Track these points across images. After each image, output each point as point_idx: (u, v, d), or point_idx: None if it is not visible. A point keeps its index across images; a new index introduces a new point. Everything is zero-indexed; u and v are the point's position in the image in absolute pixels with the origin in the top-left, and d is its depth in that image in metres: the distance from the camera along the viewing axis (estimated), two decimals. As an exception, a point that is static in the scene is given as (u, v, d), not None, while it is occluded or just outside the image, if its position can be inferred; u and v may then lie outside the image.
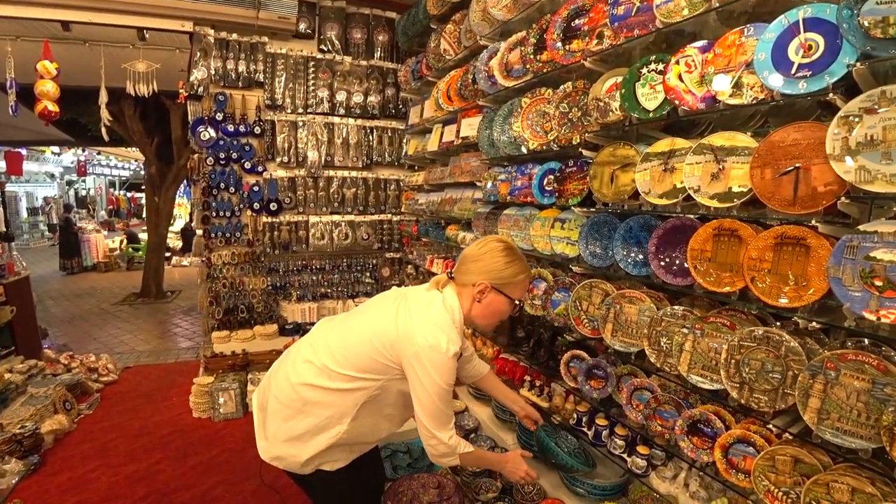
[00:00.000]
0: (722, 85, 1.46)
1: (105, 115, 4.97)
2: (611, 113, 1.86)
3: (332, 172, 4.47)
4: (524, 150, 2.35)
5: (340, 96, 4.36)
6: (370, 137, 4.54)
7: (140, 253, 11.23)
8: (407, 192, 4.38)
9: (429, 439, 1.49)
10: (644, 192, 1.68)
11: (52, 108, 4.51)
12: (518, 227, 2.39)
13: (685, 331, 1.59)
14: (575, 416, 2.15)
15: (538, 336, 2.43)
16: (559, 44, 2.13)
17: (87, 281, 9.97)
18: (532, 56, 2.29)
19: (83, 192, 20.36)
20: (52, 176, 18.18)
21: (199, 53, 3.96)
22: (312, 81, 4.27)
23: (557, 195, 2.13)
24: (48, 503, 2.66)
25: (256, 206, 4.22)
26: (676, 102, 1.59)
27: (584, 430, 2.12)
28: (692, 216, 1.63)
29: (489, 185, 2.63)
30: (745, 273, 1.41)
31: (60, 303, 7.96)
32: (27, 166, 13.81)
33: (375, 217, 4.67)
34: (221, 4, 3.96)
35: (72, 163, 16.34)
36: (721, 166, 1.47)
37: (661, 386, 1.83)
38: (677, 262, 1.66)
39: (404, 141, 4.43)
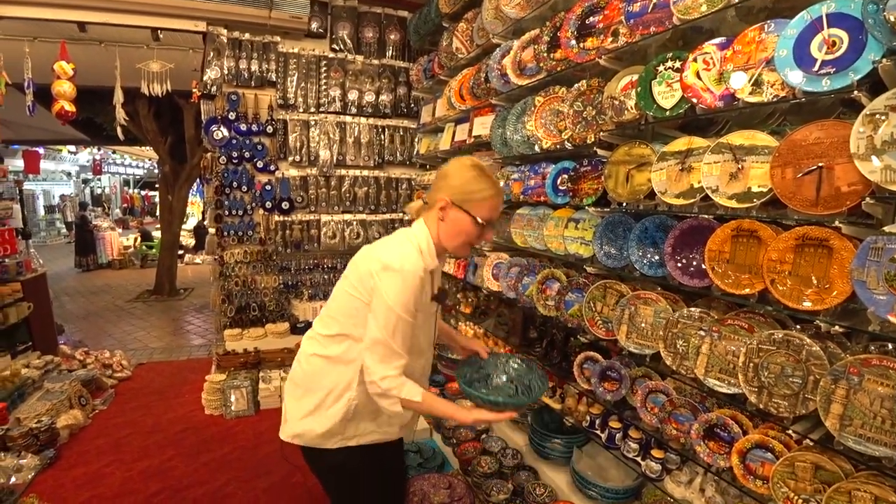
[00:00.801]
0: (741, 83, 1.43)
1: (120, 114, 5.02)
2: (626, 111, 1.83)
3: (343, 171, 4.48)
4: (538, 149, 2.33)
5: (352, 95, 4.36)
6: (382, 136, 4.54)
7: (153, 251, 11.37)
8: (418, 192, 4.37)
9: (366, 374, 1.38)
10: (660, 191, 1.66)
11: (69, 107, 4.57)
12: (531, 226, 2.37)
13: (702, 333, 1.56)
14: (588, 418, 2.13)
15: (551, 337, 2.41)
16: (573, 42, 2.11)
17: (101, 278, 10.11)
18: (546, 54, 2.26)
19: (98, 191, 20.65)
20: (69, 174, 18.45)
21: (212, 53, 3.98)
22: (324, 80, 4.28)
23: (571, 195, 2.10)
24: (63, 497, 2.70)
25: (268, 204, 4.24)
26: (694, 101, 1.56)
27: (598, 432, 2.10)
28: (709, 216, 1.61)
29: (503, 183, 2.61)
30: (765, 275, 1.38)
31: (76, 299, 8.08)
32: (44, 165, 14.02)
33: (387, 216, 4.67)
34: (234, 4, 3.97)
35: (87, 161, 16.56)
36: (740, 166, 1.44)
37: (677, 389, 1.80)
38: (694, 263, 1.63)
39: (416, 140, 4.43)
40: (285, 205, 4.29)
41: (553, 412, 2.44)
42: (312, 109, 4.29)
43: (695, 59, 1.58)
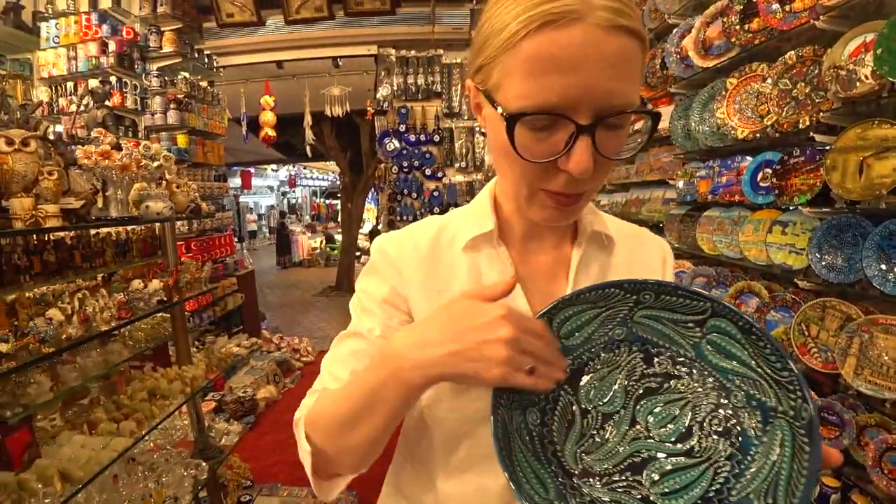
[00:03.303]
0: None
1: (309, 135, 5.88)
2: (858, 83, 1.43)
3: (506, 175, 4.47)
4: (731, 140, 1.98)
5: (511, 99, 4.34)
6: (543, 137, 4.43)
7: (335, 252, 12.96)
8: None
9: None
10: (917, 184, 1.25)
11: (272, 133, 5.53)
12: (722, 230, 2.02)
13: None
14: (793, 466, 1.73)
15: (742, 362, 2.02)
16: (775, 5, 1.74)
17: (294, 275, 11.85)
18: (738, 27, 1.92)
19: (293, 201, 24.37)
20: (271, 188, 22.12)
21: (382, 73, 4.35)
22: (485, 87, 4.34)
23: (777, 192, 1.72)
24: (257, 458, 3.18)
25: (437, 210, 4.44)
26: (978, 58, 1.15)
27: (807, 486, 1.69)
28: None
29: (685, 183, 2.29)
30: None
31: (275, 292, 9.59)
32: (254, 181, 17.07)
33: (546, 219, 4.53)
34: (401, 25, 4.31)
35: (285, 177, 19.78)
36: None
37: (937, 448, 1.34)
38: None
39: (581, 139, 4.22)
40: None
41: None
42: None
43: (979, 2, 1.16)
